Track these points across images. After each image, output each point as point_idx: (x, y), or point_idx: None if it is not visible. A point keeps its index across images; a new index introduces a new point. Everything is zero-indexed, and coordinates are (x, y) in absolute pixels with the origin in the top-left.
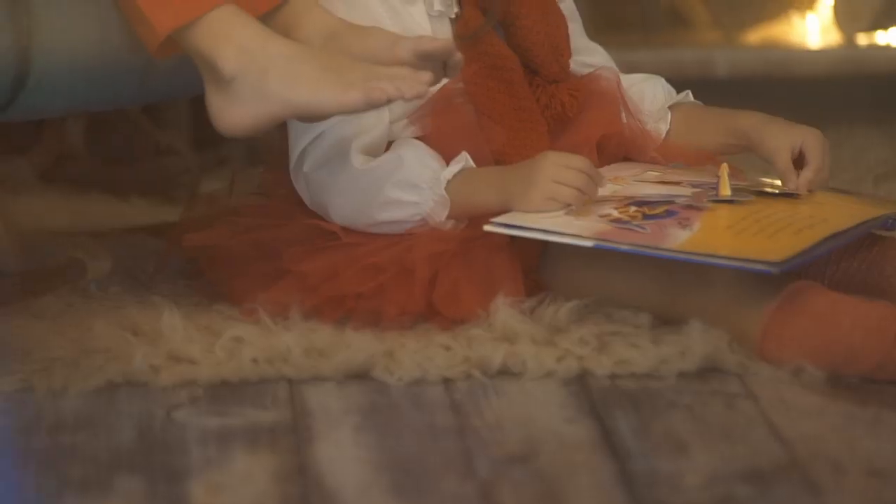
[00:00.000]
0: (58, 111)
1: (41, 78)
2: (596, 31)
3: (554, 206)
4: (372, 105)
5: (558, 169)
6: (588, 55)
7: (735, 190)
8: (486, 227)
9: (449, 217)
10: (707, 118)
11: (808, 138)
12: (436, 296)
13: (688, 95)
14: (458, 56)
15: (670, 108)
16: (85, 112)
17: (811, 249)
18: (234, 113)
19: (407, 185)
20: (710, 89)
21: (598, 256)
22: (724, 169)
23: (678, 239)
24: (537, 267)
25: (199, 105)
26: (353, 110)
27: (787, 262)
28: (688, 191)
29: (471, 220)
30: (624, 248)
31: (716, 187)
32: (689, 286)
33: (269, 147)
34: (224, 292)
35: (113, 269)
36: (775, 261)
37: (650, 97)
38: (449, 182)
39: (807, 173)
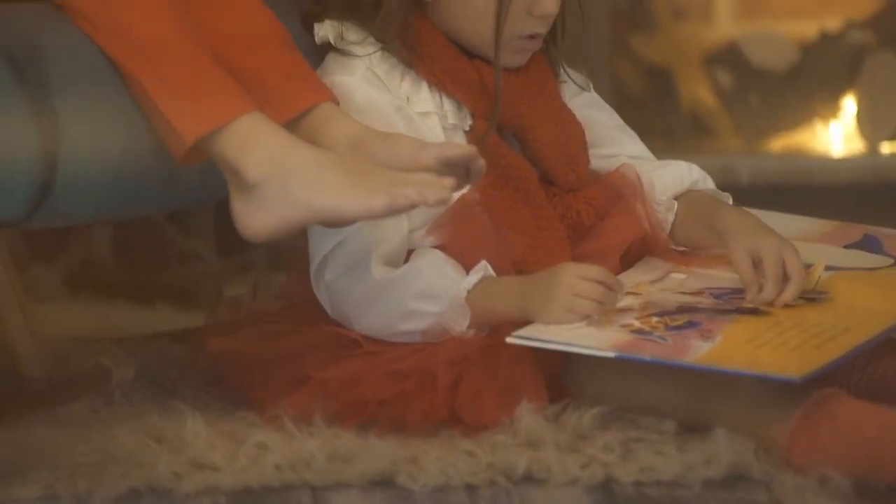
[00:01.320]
0: (84, 218)
1: (67, 185)
2: None
3: (574, 319)
4: (396, 210)
5: (577, 281)
6: (614, 146)
7: None
8: (509, 340)
9: (470, 326)
10: (701, 214)
11: (762, 248)
12: (459, 402)
13: (705, 180)
14: (481, 163)
15: (679, 197)
16: (111, 219)
17: (833, 362)
18: (259, 218)
19: (427, 296)
20: (732, 196)
21: (622, 364)
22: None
23: (700, 351)
24: (561, 373)
25: (223, 211)
26: (377, 215)
27: (807, 377)
28: (710, 300)
29: (492, 328)
30: (646, 358)
31: (738, 295)
32: (714, 394)
33: (293, 253)
34: (247, 398)
35: (137, 375)
36: (796, 376)
37: (661, 186)
38: (469, 292)
39: (767, 287)
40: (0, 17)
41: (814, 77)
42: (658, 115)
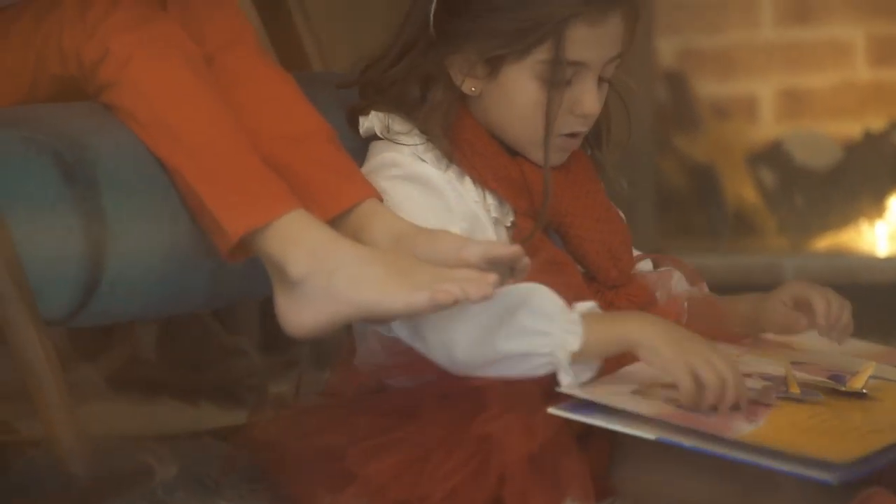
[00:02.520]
0: (129, 316)
1: (113, 283)
2: (664, 236)
3: (683, 380)
4: (438, 307)
5: (712, 357)
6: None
7: (804, 387)
8: (551, 410)
9: (580, 352)
10: (711, 311)
11: (795, 288)
12: (505, 498)
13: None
14: (526, 261)
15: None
16: (156, 316)
17: (875, 457)
18: (302, 314)
19: (539, 313)
20: None
21: (665, 456)
22: (789, 370)
23: (741, 431)
24: (606, 470)
25: (267, 307)
26: (419, 312)
27: (849, 467)
28: (758, 384)
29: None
30: (686, 444)
31: (786, 382)
32: (757, 488)
33: (336, 349)
34: (290, 495)
35: (179, 473)
36: (837, 461)
37: (673, 287)
38: (583, 315)
39: (818, 313)
40: (48, 117)
41: (858, 176)
42: (702, 214)
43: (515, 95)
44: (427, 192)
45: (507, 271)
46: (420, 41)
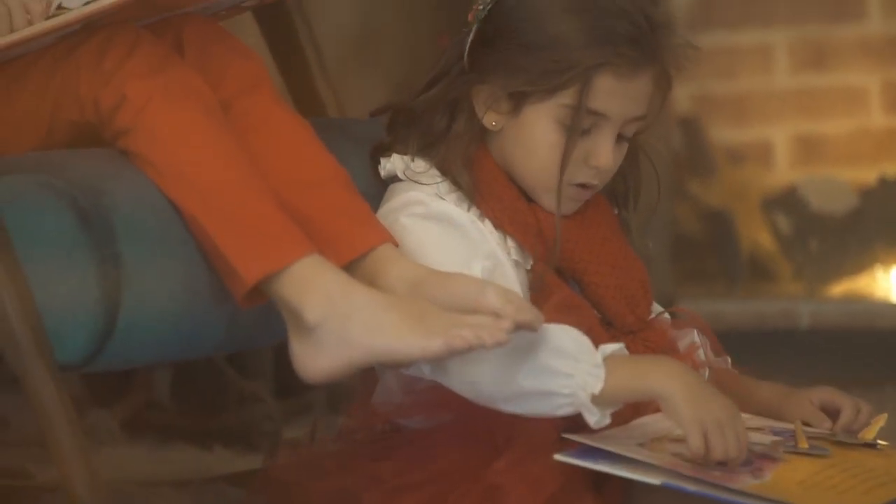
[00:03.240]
0: (144, 361)
1: (128, 329)
2: (678, 281)
3: (697, 442)
4: (453, 352)
5: (728, 422)
6: None
7: (813, 440)
8: (557, 457)
9: (600, 395)
10: (733, 386)
11: (826, 393)
12: None
13: (725, 361)
14: (541, 315)
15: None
16: (170, 361)
17: None
18: (318, 359)
19: (563, 353)
20: (793, 341)
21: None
22: (798, 425)
23: (746, 485)
24: None
25: (282, 352)
26: (434, 358)
27: None
28: (767, 438)
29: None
30: (691, 488)
31: (795, 436)
32: None
33: (351, 393)
34: None
35: None
36: None
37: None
38: (606, 357)
39: (844, 419)
40: (65, 162)
41: (873, 222)
42: (717, 259)
43: (534, 135)
44: (449, 231)
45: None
46: (453, 70)
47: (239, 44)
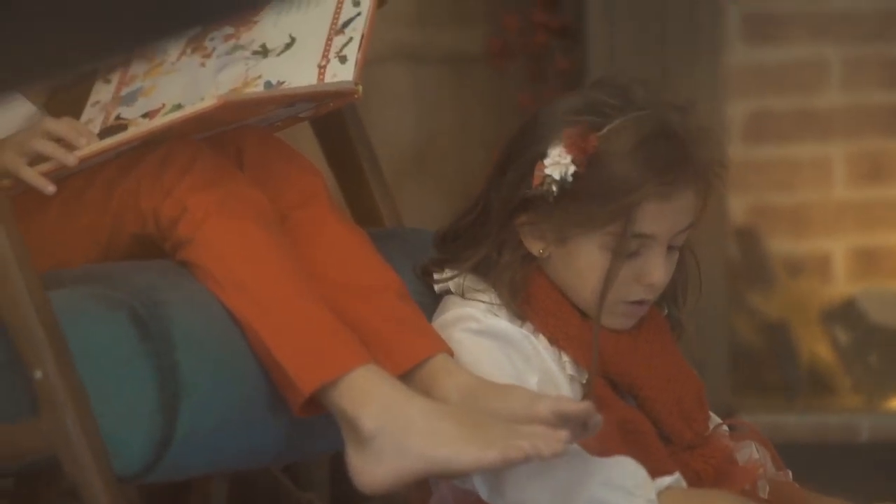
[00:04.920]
0: (201, 471)
1: (186, 439)
2: (736, 393)
3: None
4: (509, 463)
5: None
6: None
7: None
8: None
9: None
10: (795, 500)
11: None
12: None
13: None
14: (598, 417)
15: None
16: (227, 471)
17: None
18: (375, 470)
19: (615, 486)
20: (852, 454)
21: None
22: None
23: None
24: None
25: (337, 462)
26: (490, 468)
27: None
28: None
29: None
30: None
31: None
32: None
33: (406, 503)
34: None
35: None
36: None
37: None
38: (661, 493)
39: None
40: (123, 274)
41: None
42: (776, 372)
43: (582, 263)
44: (502, 346)
45: (580, 428)
46: (502, 209)
47: (298, 156)
